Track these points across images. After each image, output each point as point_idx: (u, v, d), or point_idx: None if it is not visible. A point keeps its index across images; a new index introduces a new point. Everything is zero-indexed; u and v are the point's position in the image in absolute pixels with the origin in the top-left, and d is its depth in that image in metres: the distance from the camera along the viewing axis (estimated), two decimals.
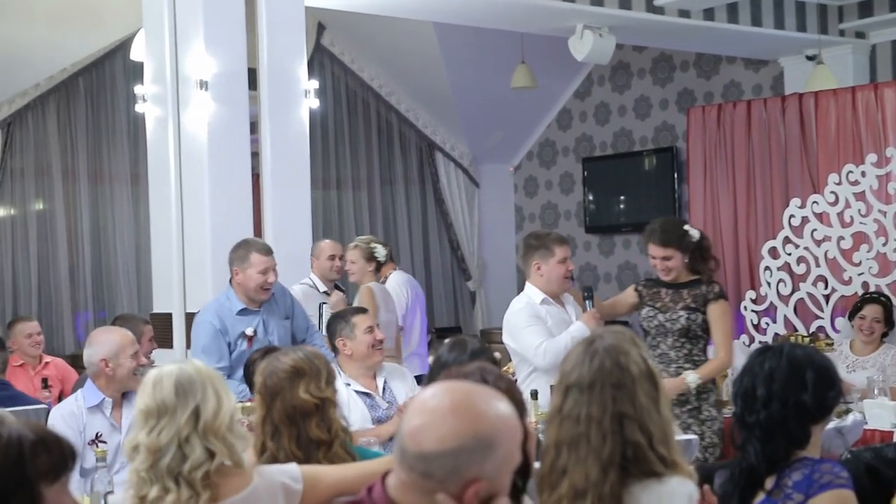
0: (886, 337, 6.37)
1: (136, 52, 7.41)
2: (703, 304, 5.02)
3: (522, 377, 4.91)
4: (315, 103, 6.87)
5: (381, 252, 6.56)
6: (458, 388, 1.95)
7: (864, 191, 7.10)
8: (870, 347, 6.29)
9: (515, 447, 1.93)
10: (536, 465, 2.51)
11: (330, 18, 9.57)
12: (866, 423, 5.03)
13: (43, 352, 6.54)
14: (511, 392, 2.50)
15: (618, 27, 7.76)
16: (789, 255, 7.44)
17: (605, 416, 2.36)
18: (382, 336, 4.82)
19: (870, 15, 8.40)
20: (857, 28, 8.49)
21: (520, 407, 2.48)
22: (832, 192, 7.25)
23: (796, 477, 2.70)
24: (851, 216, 7.16)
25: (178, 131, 6.48)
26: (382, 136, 10.32)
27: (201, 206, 6.38)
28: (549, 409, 2.48)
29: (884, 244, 7.00)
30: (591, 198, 10.31)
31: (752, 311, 7.63)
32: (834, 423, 3.59)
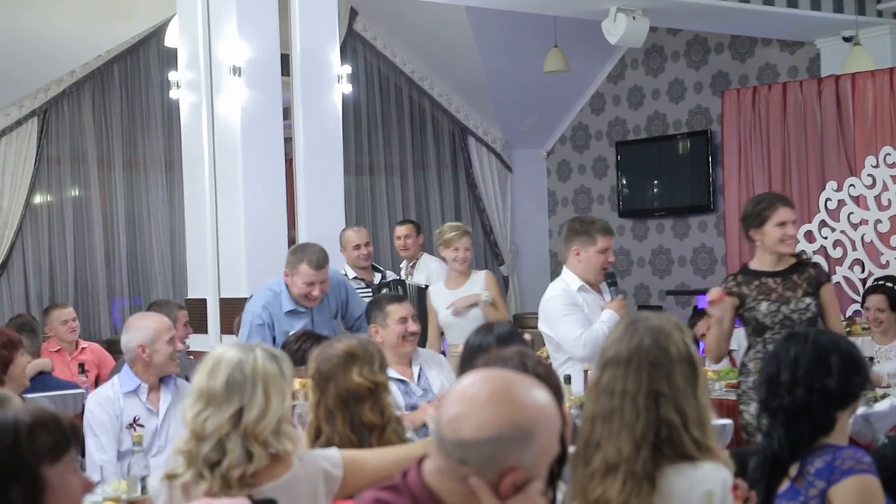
0: None
1: (170, 39, 7.46)
2: (816, 287, 4.61)
3: (559, 363, 4.88)
4: (348, 88, 6.88)
5: None
6: (497, 376, 1.95)
7: None
8: (888, 337, 6.20)
9: (554, 437, 1.93)
10: (572, 449, 2.51)
11: (362, 3, 9.57)
12: None
13: (79, 337, 6.60)
14: (549, 378, 2.49)
15: (651, 9, 7.71)
16: (825, 238, 7.39)
17: (640, 392, 2.35)
18: (416, 328, 4.78)
19: None
20: (895, 8, 8.38)
21: (557, 393, 2.48)
22: (869, 175, 7.20)
23: (818, 464, 2.69)
24: (889, 199, 7.10)
25: (212, 117, 6.52)
26: (415, 121, 10.32)
27: (235, 191, 6.41)
28: (589, 384, 2.48)
29: None
30: (624, 182, 10.26)
31: None
32: (862, 410, 3.56)
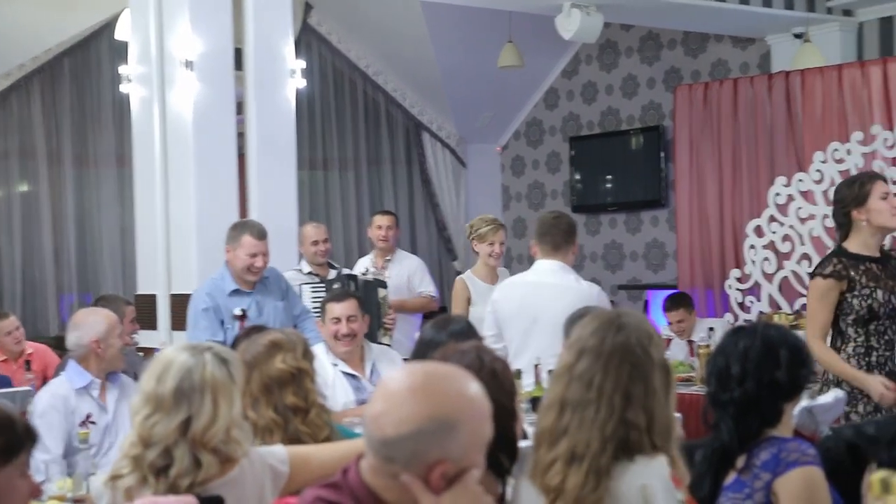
0: None
1: (121, 32, 7.37)
2: None
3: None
4: (302, 83, 6.86)
5: None
6: (418, 370, 1.95)
7: (849, 169, 7.12)
8: None
9: (482, 425, 1.92)
10: (523, 444, 2.52)
11: None
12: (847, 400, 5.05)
13: (26, 337, 6.50)
14: (505, 373, 2.50)
15: (605, 5, 7.74)
16: (774, 233, 7.47)
17: (617, 391, 2.34)
18: (348, 330, 4.79)
19: None
20: (845, 6, 8.49)
21: (511, 388, 2.48)
22: (818, 171, 7.27)
23: (764, 456, 2.73)
24: None
25: (164, 112, 6.46)
26: (369, 116, 10.30)
27: (187, 186, 6.37)
28: (557, 368, 2.46)
29: None
30: (577, 177, 10.31)
31: (737, 289, 7.66)
32: (805, 403, 3.61)
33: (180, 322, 5.91)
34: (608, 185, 10.15)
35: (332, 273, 6.51)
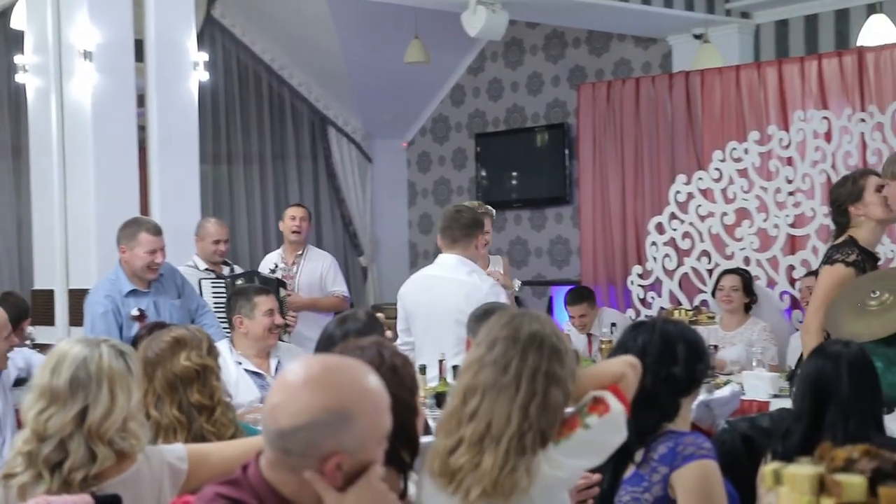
0: (751, 311, 6.58)
1: (17, 21, 7.19)
2: None
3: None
4: (205, 76, 6.78)
5: None
6: (315, 362, 1.95)
7: (746, 168, 7.30)
8: (735, 320, 6.48)
9: (379, 418, 1.91)
10: (425, 439, 2.52)
11: None
12: (744, 394, 5.19)
13: None
14: (406, 368, 2.50)
15: (510, 3, 7.79)
16: (675, 230, 7.61)
17: (539, 373, 2.35)
18: (280, 321, 4.82)
19: None
20: (743, 8, 8.68)
21: (413, 384, 2.48)
22: (716, 169, 7.43)
23: (662, 450, 2.78)
24: (734, 192, 7.35)
25: (61, 103, 6.35)
26: (274, 110, 10.21)
27: (86, 179, 6.26)
28: (465, 361, 2.46)
29: (764, 220, 7.21)
30: (483, 174, 10.37)
31: (639, 285, 7.79)
32: (703, 397, 3.70)
33: (78, 317, 5.78)
34: (513, 182, 10.23)
35: (227, 270, 6.44)
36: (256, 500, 1.93)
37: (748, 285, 6.58)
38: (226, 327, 5.30)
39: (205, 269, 6.34)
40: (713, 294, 6.81)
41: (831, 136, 7.03)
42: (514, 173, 10.20)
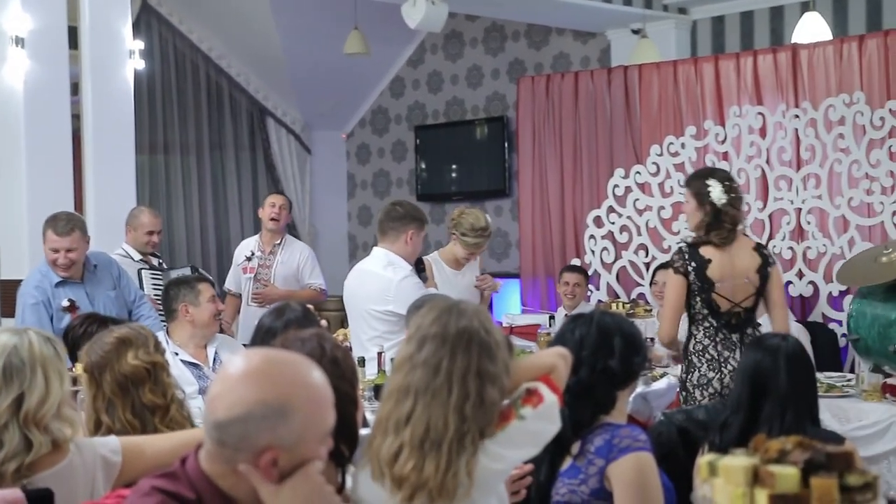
0: None
1: None
2: None
3: (392, 343, 4.84)
4: (141, 64, 6.71)
5: None
6: (257, 354, 1.93)
7: (683, 162, 7.38)
8: None
9: (319, 414, 1.90)
10: (364, 431, 2.51)
11: None
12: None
13: None
14: (346, 360, 2.48)
15: None
16: (613, 223, 7.67)
17: (470, 372, 2.32)
18: (223, 307, 4.85)
19: None
20: (680, 4, 8.77)
21: (353, 376, 2.47)
22: (654, 163, 7.51)
23: (598, 442, 2.81)
24: (672, 186, 7.43)
25: None
26: (212, 100, 10.09)
27: (17, 169, 6.16)
28: (397, 359, 2.45)
29: None
30: (423, 166, 10.36)
31: None
32: (640, 389, 3.75)
33: (11, 308, 5.68)
34: (453, 175, 10.24)
35: (155, 262, 6.39)
36: (194, 493, 1.91)
37: None
38: (163, 319, 5.24)
39: (140, 258, 6.27)
40: (651, 286, 6.88)
41: (766, 131, 7.14)
42: (454, 166, 10.21)
